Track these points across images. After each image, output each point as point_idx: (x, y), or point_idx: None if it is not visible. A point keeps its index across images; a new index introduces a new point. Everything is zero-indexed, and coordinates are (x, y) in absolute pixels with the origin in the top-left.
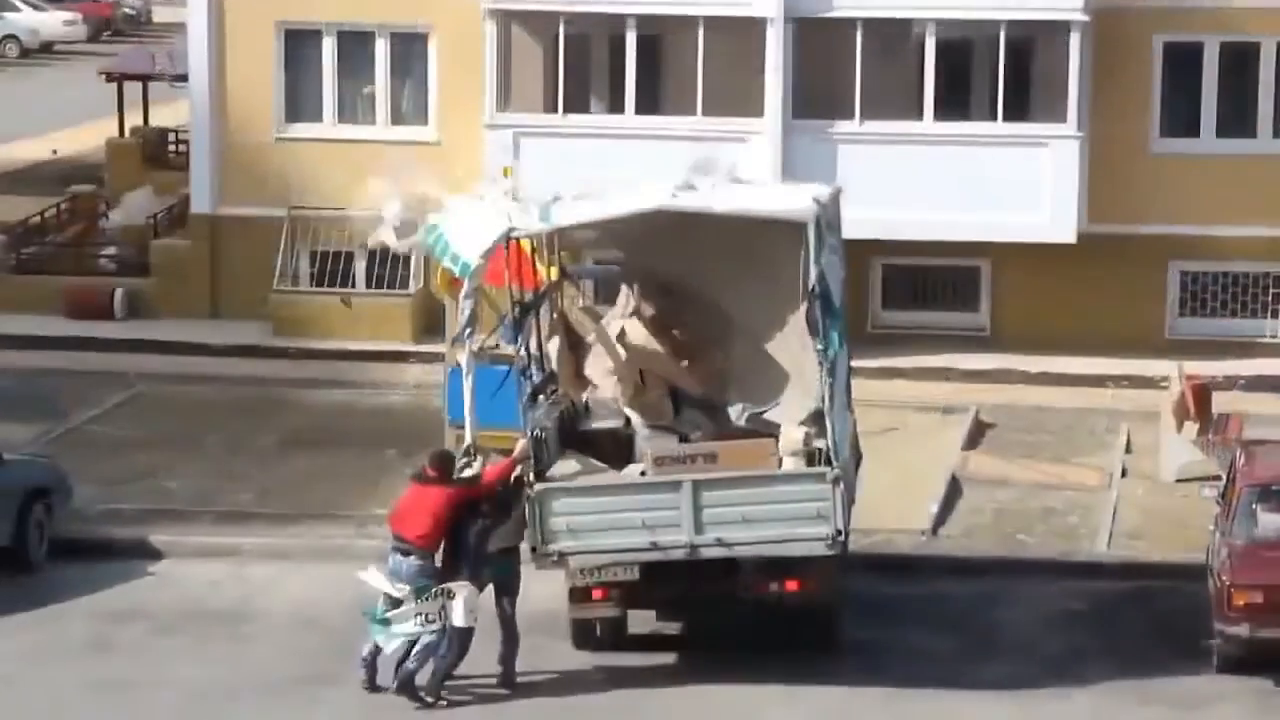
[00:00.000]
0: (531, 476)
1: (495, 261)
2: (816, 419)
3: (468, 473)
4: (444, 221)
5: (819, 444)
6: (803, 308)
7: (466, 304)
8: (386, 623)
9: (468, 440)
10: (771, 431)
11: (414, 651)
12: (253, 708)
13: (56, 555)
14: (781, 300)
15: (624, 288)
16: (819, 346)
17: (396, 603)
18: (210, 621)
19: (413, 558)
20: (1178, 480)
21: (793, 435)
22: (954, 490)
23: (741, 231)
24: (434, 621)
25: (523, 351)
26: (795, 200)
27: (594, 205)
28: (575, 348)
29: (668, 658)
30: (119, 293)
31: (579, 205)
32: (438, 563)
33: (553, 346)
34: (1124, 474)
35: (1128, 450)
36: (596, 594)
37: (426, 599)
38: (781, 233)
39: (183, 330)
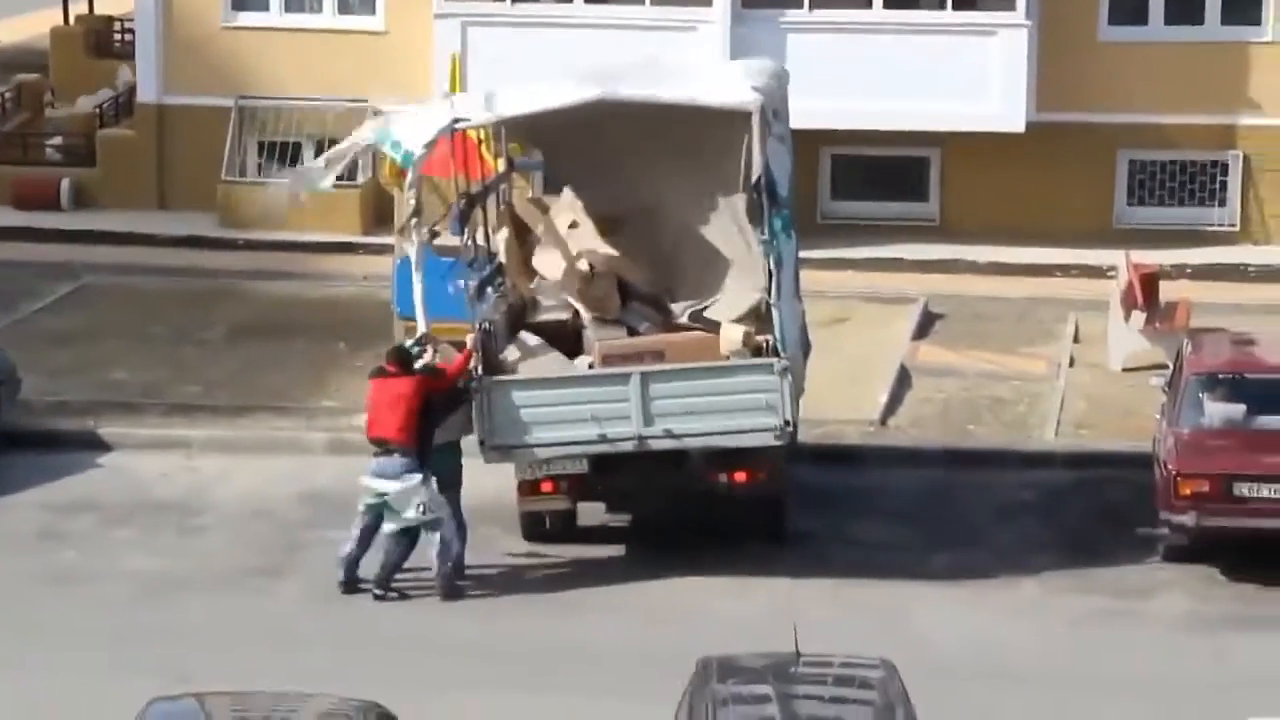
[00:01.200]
0: (480, 369)
1: (441, 153)
2: (760, 312)
3: (422, 362)
4: (391, 115)
5: (761, 339)
6: (744, 197)
7: (410, 194)
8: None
9: (420, 329)
10: (712, 329)
11: (432, 553)
12: (203, 598)
13: (4, 447)
14: (726, 190)
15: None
16: (763, 237)
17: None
18: (159, 513)
19: (396, 455)
20: (1125, 369)
21: (731, 334)
22: (903, 380)
23: (685, 121)
24: (432, 511)
25: (469, 243)
26: (739, 89)
27: (538, 95)
28: (522, 239)
29: (617, 550)
30: (65, 183)
31: (523, 95)
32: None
33: (500, 238)
34: (1072, 363)
35: (1075, 339)
36: (545, 486)
37: (421, 486)
38: (726, 122)
39: (129, 221)
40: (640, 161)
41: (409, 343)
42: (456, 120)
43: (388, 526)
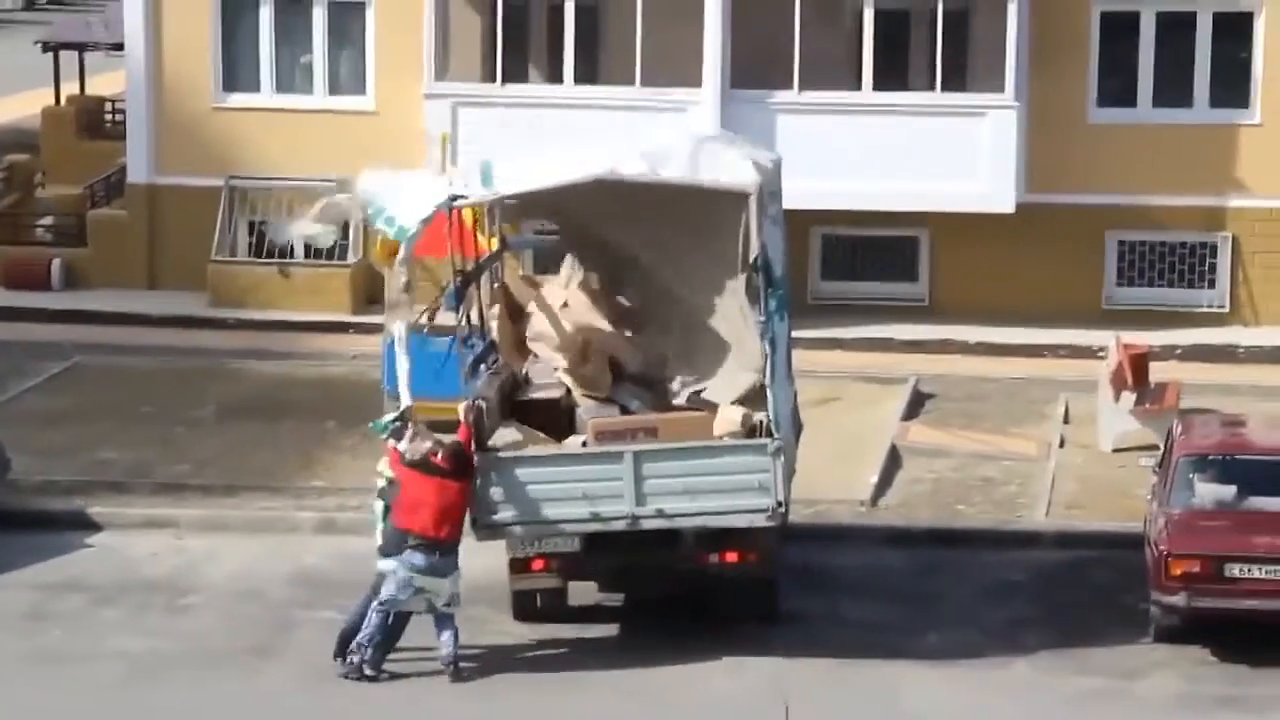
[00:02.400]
0: (473, 446)
1: (437, 231)
2: (757, 393)
3: (406, 436)
4: (383, 188)
5: (759, 418)
6: (743, 278)
7: (402, 269)
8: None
9: (404, 404)
10: (709, 409)
11: (450, 636)
12: (191, 679)
13: None
14: (723, 271)
15: (567, 257)
16: (760, 318)
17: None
18: (148, 593)
19: (440, 553)
20: (1115, 450)
21: (729, 416)
22: (893, 460)
23: (683, 201)
24: (459, 602)
25: (464, 321)
26: (738, 171)
27: (537, 173)
28: (516, 318)
29: (608, 629)
30: (56, 263)
31: (522, 173)
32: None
33: (493, 316)
34: (1062, 444)
35: (1066, 420)
36: (537, 565)
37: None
38: (723, 203)
39: (120, 300)
40: (638, 240)
41: (388, 418)
42: (455, 197)
43: (408, 605)
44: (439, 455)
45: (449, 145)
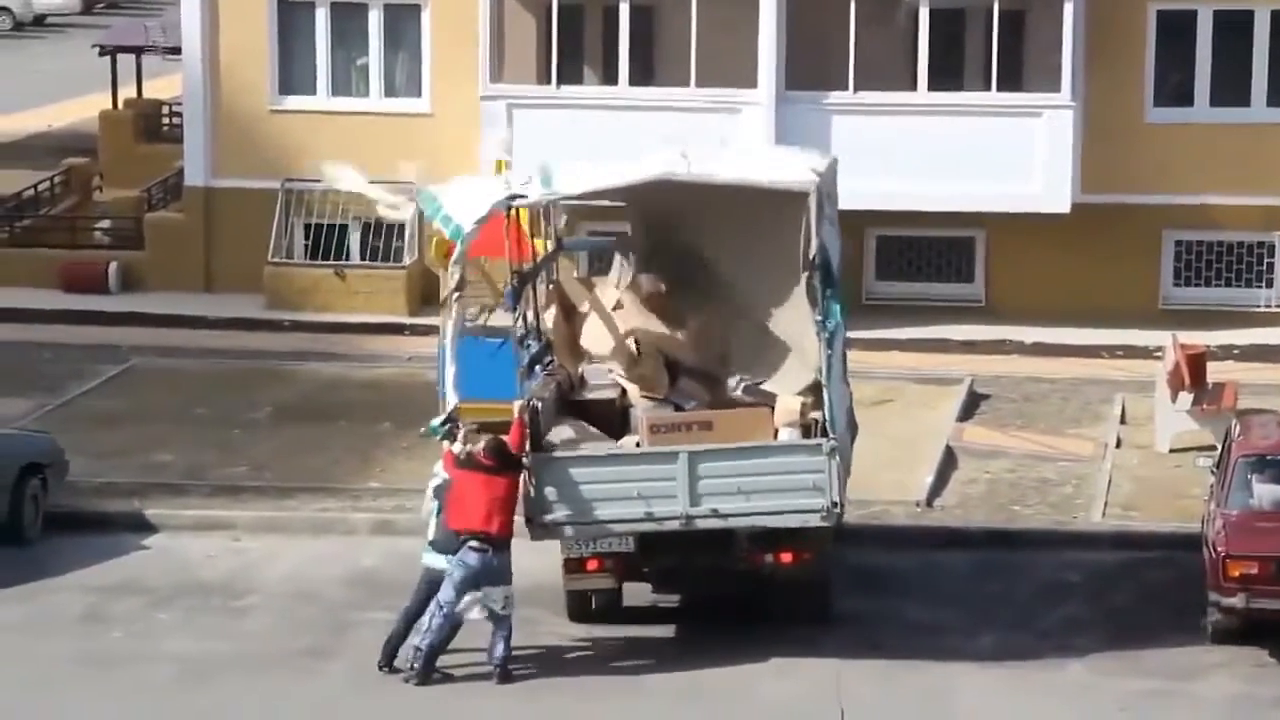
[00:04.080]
0: (528, 446)
1: (495, 231)
2: (814, 391)
3: (459, 437)
4: (443, 190)
5: (815, 415)
6: (803, 279)
7: (455, 269)
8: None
9: (450, 406)
10: (768, 402)
11: (501, 639)
12: (247, 681)
13: (51, 529)
14: (781, 271)
15: (618, 258)
16: (818, 318)
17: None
18: (204, 595)
19: (493, 554)
20: (1172, 450)
21: (789, 405)
22: (949, 461)
23: (742, 201)
24: (512, 604)
25: (520, 322)
26: (796, 170)
27: (597, 173)
28: (570, 318)
29: (662, 631)
30: (113, 266)
31: (582, 173)
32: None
33: (548, 316)
34: (1118, 444)
35: (1122, 420)
36: (591, 565)
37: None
38: (782, 203)
39: (177, 303)
40: (698, 239)
41: (436, 422)
42: (513, 197)
43: (466, 612)
44: (481, 452)
45: (506, 169)
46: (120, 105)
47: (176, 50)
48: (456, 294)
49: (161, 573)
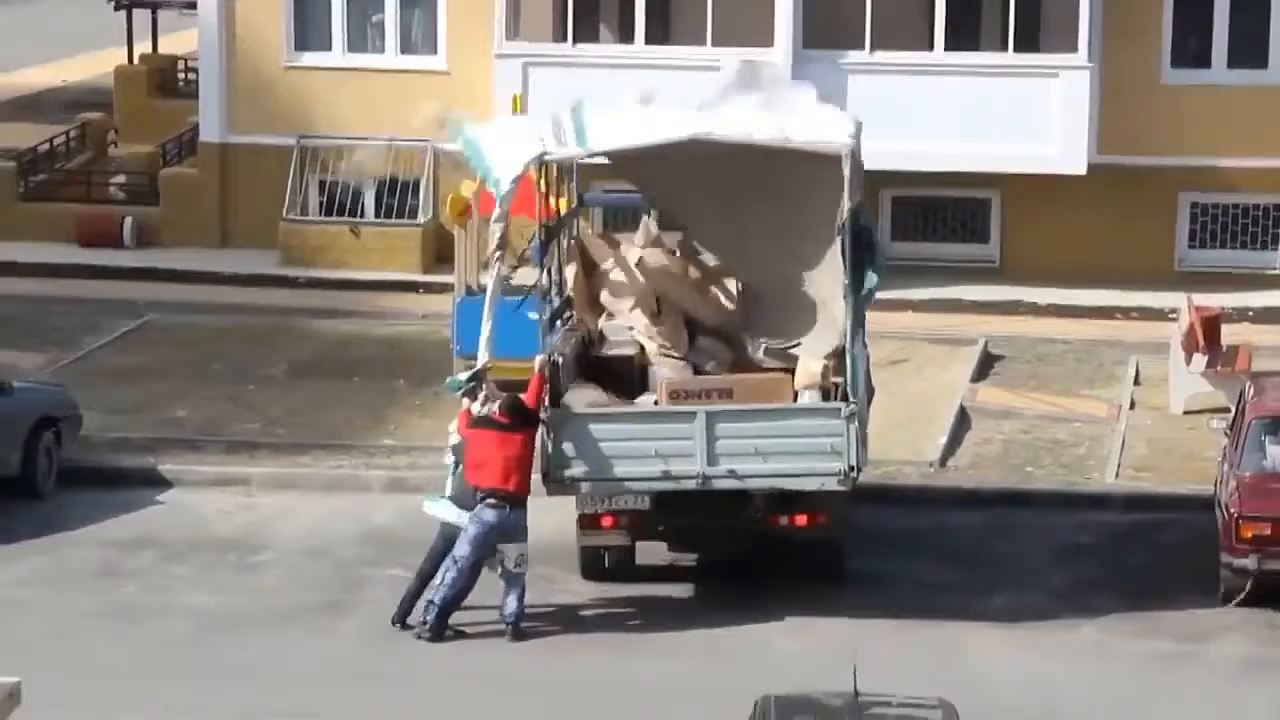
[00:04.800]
0: (546, 402)
1: (526, 189)
2: (837, 354)
3: (480, 397)
4: (481, 134)
5: (836, 379)
6: (836, 242)
7: (498, 227)
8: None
9: (481, 364)
10: (789, 364)
11: (514, 597)
12: (261, 636)
13: (66, 483)
14: (812, 232)
15: (645, 216)
16: (846, 281)
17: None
18: (219, 550)
19: (510, 510)
20: (1186, 412)
21: (810, 368)
22: (962, 422)
23: (775, 161)
24: (527, 562)
25: (544, 277)
26: (833, 131)
27: (631, 130)
28: (591, 274)
29: (675, 589)
30: (128, 221)
31: (615, 128)
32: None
33: (569, 272)
34: (1132, 406)
35: (1136, 382)
36: (606, 521)
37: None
38: (817, 163)
39: (192, 259)
40: (729, 198)
41: (463, 376)
42: (545, 153)
43: (475, 564)
44: (498, 409)
45: (521, 106)
46: (136, 60)
47: (193, 5)
48: (499, 253)
49: (176, 528)
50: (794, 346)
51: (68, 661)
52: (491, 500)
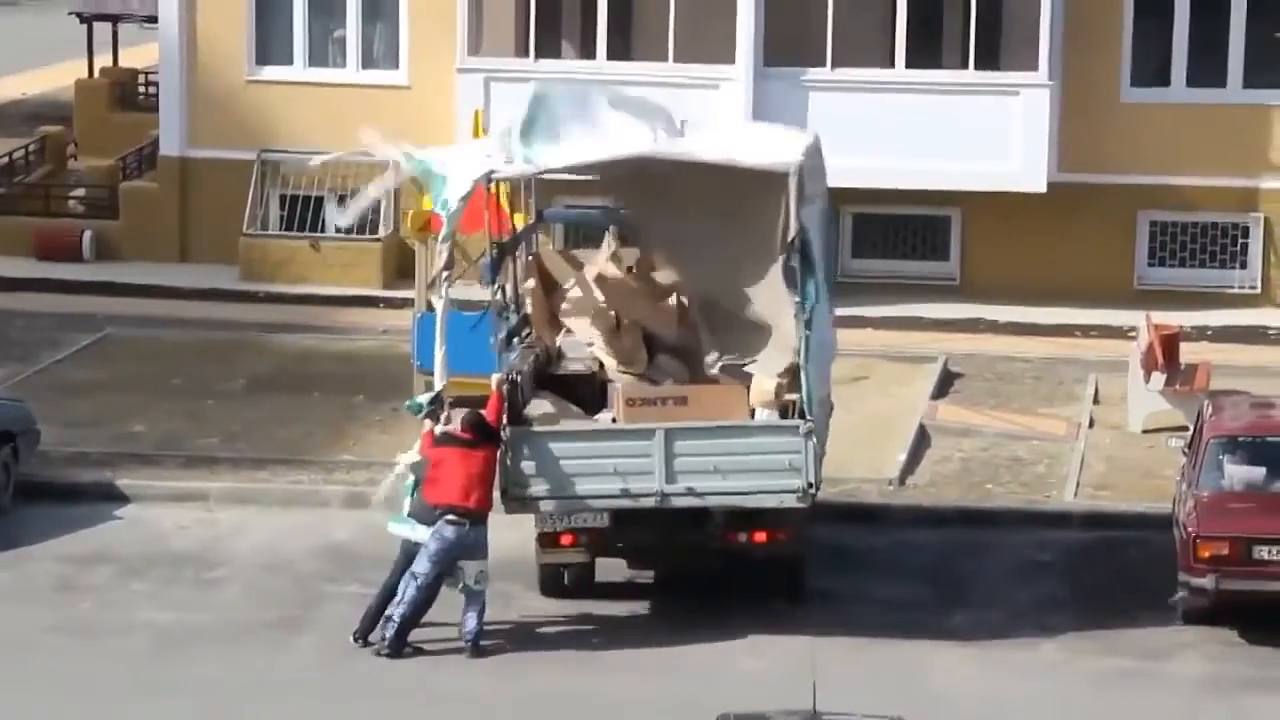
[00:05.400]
0: (505, 419)
1: (475, 203)
2: (792, 372)
3: (442, 418)
4: (428, 154)
5: (791, 397)
6: (781, 260)
7: (444, 246)
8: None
9: (438, 385)
10: (745, 381)
11: (474, 614)
12: (219, 652)
13: (23, 498)
14: (761, 251)
15: (608, 233)
16: (796, 299)
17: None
18: (177, 565)
19: (470, 527)
20: (1145, 430)
21: (764, 386)
22: (922, 439)
23: (724, 180)
24: (486, 579)
25: (499, 294)
26: (779, 151)
27: (579, 148)
28: (549, 290)
29: (634, 606)
30: (87, 234)
31: (562, 148)
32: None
33: (527, 289)
34: (1091, 424)
35: (1095, 400)
36: (565, 539)
37: (484, 557)
38: (763, 183)
39: (151, 273)
40: (680, 216)
41: (423, 399)
42: (493, 172)
43: (435, 581)
44: (459, 425)
45: (482, 121)
46: (96, 73)
47: (154, 19)
48: (446, 273)
49: (133, 543)
50: (750, 364)
51: (21, 676)
52: (451, 517)
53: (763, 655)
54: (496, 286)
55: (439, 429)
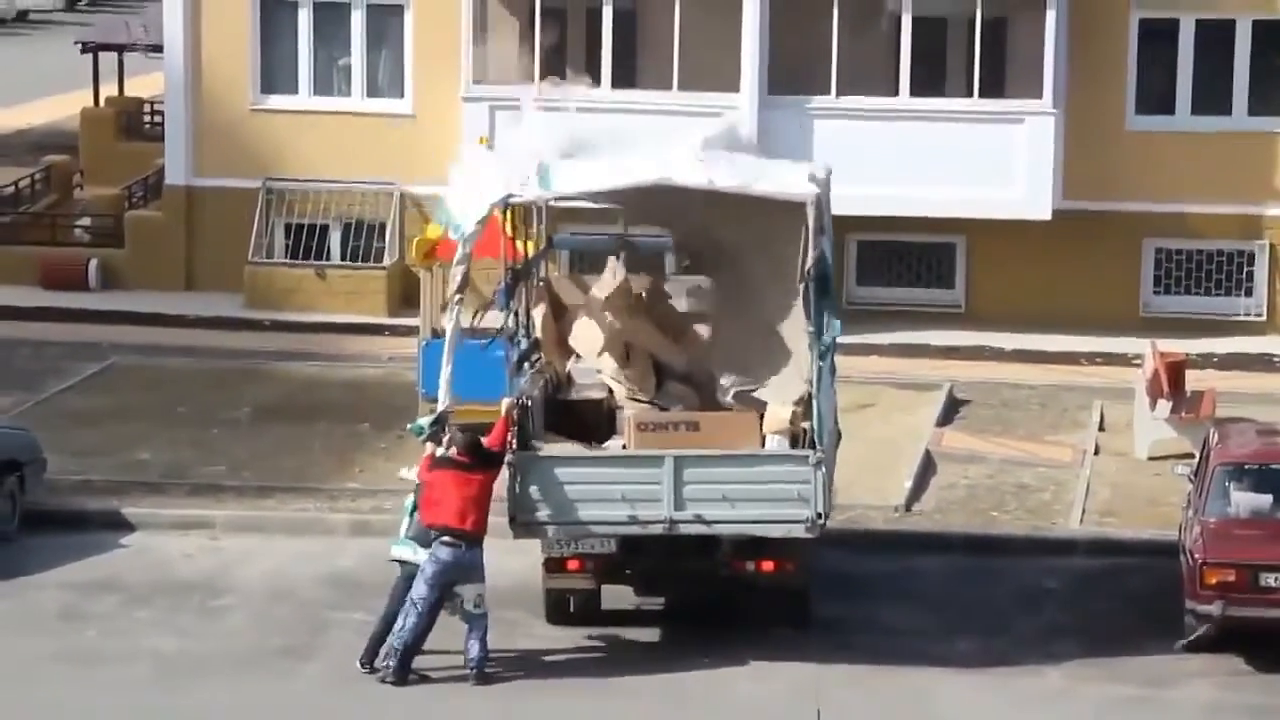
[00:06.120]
0: (514, 444)
1: (491, 231)
2: (805, 401)
3: (444, 441)
4: (450, 193)
5: (805, 425)
6: (799, 289)
7: (459, 270)
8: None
9: (442, 406)
10: (758, 408)
11: (476, 640)
12: (224, 680)
13: (29, 527)
14: (777, 280)
15: (611, 259)
16: (810, 329)
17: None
18: (182, 593)
19: (465, 549)
20: (1150, 458)
21: (779, 414)
22: (927, 466)
23: (740, 208)
24: (485, 604)
25: (511, 319)
26: (796, 180)
27: (595, 174)
28: (560, 316)
29: (640, 633)
30: (93, 264)
31: (580, 173)
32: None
33: (537, 314)
34: (1097, 451)
35: (1101, 427)
36: (572, 565)
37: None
38: (781, 212)
39: (157, 302)
40: (695, 244)
41: (425, 421)
42: (510, 196)
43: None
44: (457, 449)
45: (487, 149)
46: (102, 103)
47: (159, 48)
48: (458, 296)
49: (139, 571)
50: (760, 390)
51: (27, 705)
52: (447, 539)
53: (767, 681)
54: (509, 312)
55: (440, 452)
